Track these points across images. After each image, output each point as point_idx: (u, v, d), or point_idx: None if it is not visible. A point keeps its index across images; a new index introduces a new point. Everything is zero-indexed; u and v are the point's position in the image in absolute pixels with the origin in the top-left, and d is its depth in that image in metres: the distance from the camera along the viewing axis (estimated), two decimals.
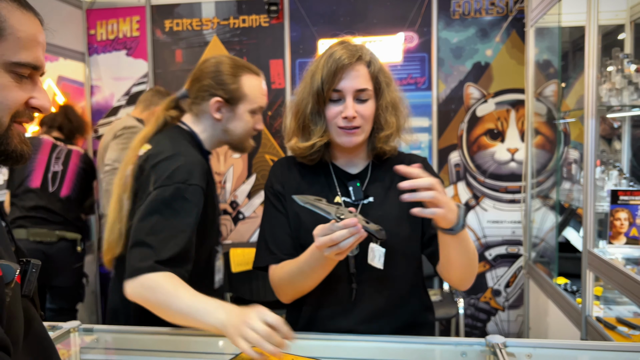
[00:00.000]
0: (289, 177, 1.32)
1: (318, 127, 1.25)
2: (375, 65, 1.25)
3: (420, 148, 3.43)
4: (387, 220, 1.21)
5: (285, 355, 1.12)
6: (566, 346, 1.19)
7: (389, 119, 1.26)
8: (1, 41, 0.70)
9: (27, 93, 0.75)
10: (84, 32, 3.68)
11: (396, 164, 1.32)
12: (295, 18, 3.48)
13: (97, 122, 3.75)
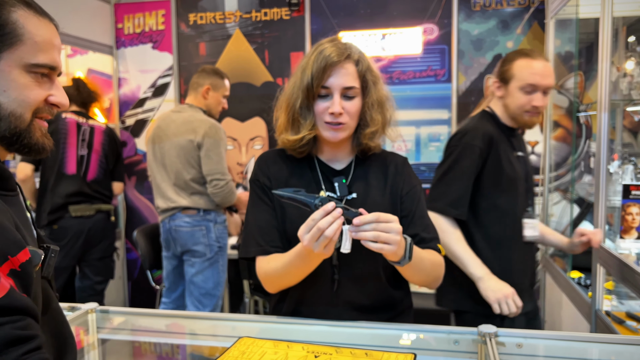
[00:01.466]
0: (275, 170, 1.37)
1: (307, 121, 1.29)
2: (363, 64, 1.28)
3: (440, 140, 3.44)
4: None
5: (280, 342, 1.19)
6: (556, 337, 1.22)
7: (375, 116, 1.30)
8: (20, 45, 0.77)
9: (45, 91, 0.82)
10: (112, 26, 3.81)
11: (379, 161, 1.38)
12: (316, 11, 3.52)
13: (125, 113, 3.89)
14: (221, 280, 2.89)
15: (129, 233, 3.79)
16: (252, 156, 3.73)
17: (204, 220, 2.78)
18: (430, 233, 1.35)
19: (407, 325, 1.30)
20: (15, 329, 0.62)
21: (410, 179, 1.38)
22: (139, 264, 3.92)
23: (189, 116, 2.79)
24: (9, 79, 0.77)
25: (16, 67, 0.78)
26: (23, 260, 0.67)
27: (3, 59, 0.77)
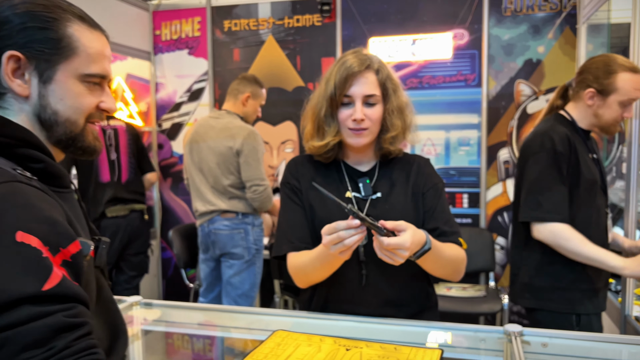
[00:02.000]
0: (303, 173, 1.44)
1: (331, 128, 1.37)
2: (383, 73, 1.36)
3: (469, 144, 3.46)
4: (393, 212, 1.34)
5: (313, 336, 1.26)
6: (580, 337, 1.25)
7: (395, 122, 1.37)
8: (75, 57, 0.84)
9: (97, 98, 0.89)
10: (150, 32, 3.95)
11: (402, 163, 1.45)
12: (347, 17, 3.58)
13: (161, 117, 4.03)
14: (257, 281, 2.96)
15: (165, 233, 3.92)
16: (283, 159, 3.82)
17: (243, 223, 2.85)
18: (452, 227, 1.40)
19: (435, 322, 1.35)
20: (66, 317, 0.66)
21: (432, 177, 1.44)
22: (173, 263, 4.05)
23: (227, 122, 2.86)
24: (65, 88, 0.84)
25: (71, 77, 0.84)
26: (74, 251, 0.73)
27: (60, 70, 0.83)
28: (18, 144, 0.79)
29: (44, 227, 0.68)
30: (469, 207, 3.48)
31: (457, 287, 3.22)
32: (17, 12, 0.80)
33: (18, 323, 0.61)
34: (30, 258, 0.65)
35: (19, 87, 0.81)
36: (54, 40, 0.81)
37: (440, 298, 3.02)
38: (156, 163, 4.04)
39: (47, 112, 0.84)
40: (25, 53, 0.80)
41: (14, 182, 0.71)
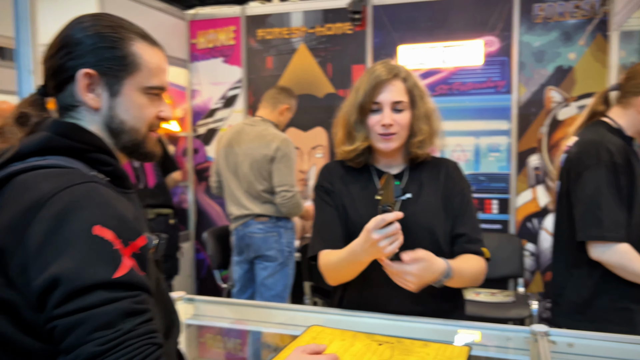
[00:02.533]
0: (336, 176, 1.53)
1: (360, 133, 1.45)
2: (410, 81, 1.44)
3: (499, 151, 3.48)
4: (423, 213, 1.42)
5: (347, 331, 1.32)
6: (606, 338, 1.27)
7: (422, 127, 1.45)
8: (138, 72, 0.93)
9: (156, 108, 0.98)
10: (186, 41, 4.10)
11: (431, 166, 1.52)
12: (377, 25, 3.65)
13: (197, 122, 4.16)
14: (289, 282, 3.04)
15: (199, 235, 4.05)
16: (313, 164, 3.90)
17: (276, 227, 2.94)
18: (478, 234, 1.46)
19: (463, 321, 1.40)
20: (133, 303, 0.73)
21: (460, 181, 1.50)
22: (206, 264, 4.17)
23: (262, 130, 2.95)
24: (130, 100, 0.93)
25: (135, 90, 0.93)
26: (141, 244, 0.81)
27: (126, 84, 0.92)
28: (92, 149, 0.88)
29: (117, 223, 0.77)
30: (498, 213, 3.49)
31: (486, 292, 3.24)
32: (88, 34, 0.90)
33: (92, 306, 0.70)
34: (103, 249, 0.73)
35: (92, 100, 0.91)
36: (121, 58, 0.91)
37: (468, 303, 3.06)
38: (191, 167, 4.18)
39: (115, 121, 0.93)
40: (96, 70, 0.89)
41: (92, 183, 0.80)
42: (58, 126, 0.88)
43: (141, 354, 0.71)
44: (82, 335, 0.68)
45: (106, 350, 0.68)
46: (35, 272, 0.71)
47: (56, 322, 0.69)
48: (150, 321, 0.75)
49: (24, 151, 0.84)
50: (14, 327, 0.74)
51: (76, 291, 0.69)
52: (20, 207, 0.75)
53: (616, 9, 2.90)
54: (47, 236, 0.72)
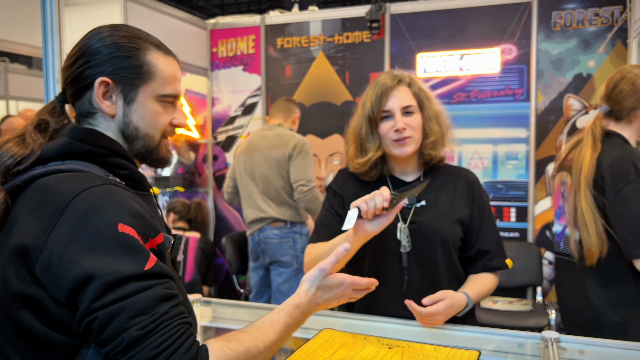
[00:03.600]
0: (349, 182, 1.55)
1: (371, 144, 1.47)
2: (414, 85, 1.47)
3: (517, 159, 3.47)
4: (437, 220, 1.43)
5: (358, 335, 1.35)
6: (618, 346, 1.27)
7: (434, 127, 1.47)
8: (153, 81, 0.97)
9: (170, 115, 1.02)
10: (207, 50, 4.18)
11: (448, 174, 1.53)
12: (395, 33, 3.68)
13: (217, 129, 4.24)
14: None
15: (218, 240, 4.10)
16: (330, 171, 3.93)
17: (291, 232, 2.99)
18: (501, 249, 1.49)
19: (474, 327, 1.41)
20: (164, 289, 0.79)
21: (481, 195, 1.52)
22: (224, 269, 4.23)
23: (279, 132, 3.07)
24: (144, 107, 0.97)
25: (150, 98, 0.97)
26: (159, 242, 0.86)
27: (140, 92, 0.96)
28: (109, 154, 0.93)
29: (137, 220, 0.82)
30: (516, 221, 3.47)
31: (503, 300, 3.22)
32: (106, 43, 0.94)
33: (129, 295, 0.75)
34: (132, 245, 0.79)
35: (108, 107, 0.95)
36: (136, 67, 0.95)
37: (485, 311, 3.05)
38: (211, 174, 4.25)
39: (130, 128, 0.97)
40: (112, 78, 0.94)
41: (109, 185, 0.85)
42: (76, 132, 0.92)
43: (176, 333, 0.76)
44: (122, 322, 0.74)
45: (146, 333, 0.74)
46: (64, 270, 0.75)
47: (96, 314, 0.74)
48: (180, 304, 0.81)
49: (45, 156, 0.88)
50: (39, 321, 0.79)
51: (112, 284, 0.75)
52: (43, 209, 0.80)
53: (636, 17, 2.88)
54: (73, 235, 0.77)
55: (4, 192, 0.84)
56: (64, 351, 0.80)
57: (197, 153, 4.28)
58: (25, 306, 0.79)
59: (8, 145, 0.90)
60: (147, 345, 0.74)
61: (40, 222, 0.79)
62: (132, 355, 0.73)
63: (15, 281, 0.78)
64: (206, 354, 0.79)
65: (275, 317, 0.96)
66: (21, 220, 0.81)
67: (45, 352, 0.80)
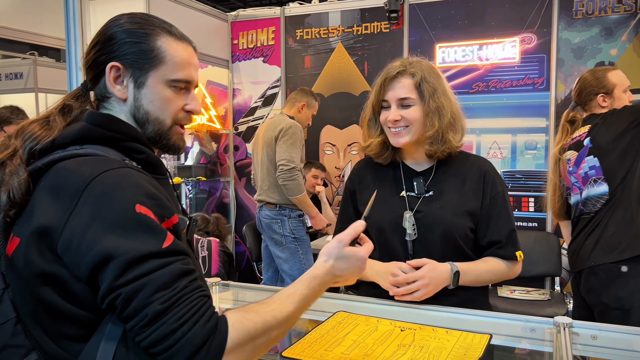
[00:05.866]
0: (362, 175, 1.59)
1: (373, 130, 1.52)
2: (418, 75, 1.43)
3: (536, 148, 3.45)
4: (442, 211, 1.44)
5: (371, 317, 1.38)
6: (630, 331, 1.27)
7: (434, 122, 1.43)
8: (163, 65, 0.98)
9: (182, 101, 1.02)
10: (228, 42, 4.23)
11: (460, 164, 1.52)
12: (414, 24, 3.68)
13: (238, 120, 4.30)
14: (305, 267, 3.23)
15: (239, 228, 4.18)
16: (349, 161, 3.96)
17: (280, 215, 3.22)
18: (512, 241, 1.48)
19: (486, 312, 1.43)
20: (183, 264, 0.82)
21: (495, 185, 1.49)
22: (245, 257, 4.30)
23: (277, 119, 3.27)
24: (154, 92, 0.98)
25: (160, 82, 0.98)
26: (174, 222, 0.89)
27: (151, 76, 0.98)
28: (125, 138, 0.95)
29: (152, 202, 0.85)
30: (534, 211, 3.46)
31: (521, 289, 3.22)
32: (119, 30, 0.97)
33: (150, 272, 0.78)
34: (149, 224, 0.82)
35: (119, 91, 0.98)
36: (146, 52, 0.97)
37: (502, 300, 3.06)
38: (232, 163, 4.32)
39: (140, 112, 0.99)
40: (123, 63, 0.96)
41: (125, 167, 0.88)
42: (94, 117, 0.95)
43: (196, 305, 0.80)
44: (145, 298, 0.77)
45: (168, 306, 0.78)
46: (85, 249, 0.79)
47: (120, 291, 0.77)
48: (198, 278, 0.84)
49: (65, 140, 0.92)
50: (60, 297, 0.83)
51: (132, 261, 0.78)
52: (63, 191, 0.84)
53: None
54: (93, 216, 0.80)
55: (27, 172, 0.87)
56: (84, 325, 0.84)
57: (218, 143, 4.35)
58: (48, 283, 0.83)
59: (32, 127, 0.93)
60: (169, 318, 0.77)
61: (61, 203, 0.82)
62: (156, 328, 0.77)
63: (38, 259, 0.82)
64: (225, 324, 0.82)
65: (292, 289, 0.98)
66: (42, 202, 0.85)
67: (65, 326, 0.84)
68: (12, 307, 0.86)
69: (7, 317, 0.85)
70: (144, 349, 0.79)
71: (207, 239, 3.59)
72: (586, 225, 2.15)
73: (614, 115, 2.17)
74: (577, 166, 2.20)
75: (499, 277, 1.50)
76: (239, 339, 0.83)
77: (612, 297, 2.03)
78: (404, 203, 1.48)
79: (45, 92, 4.94)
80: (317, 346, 1.21)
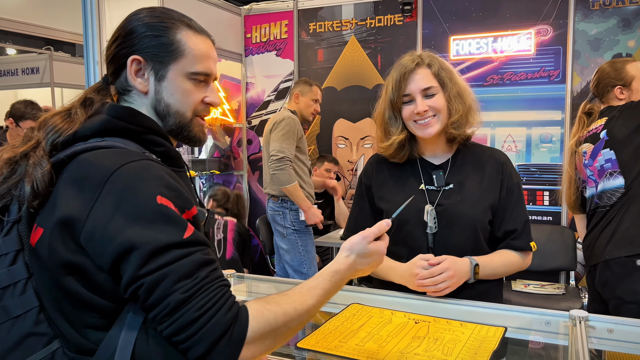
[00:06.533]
0: (378, 170, 1.57)
1: (394, 127, 1.49)
2: (435, 65, 1.44)
3: (552, 142, 3.42)
4: (464, 203, 1.44)
5: (385, 309, 1.38)
6: None
7: (457, 106, 1.44)
8: (183, 58, 0.99)
9: (202, 93, 1.03)
10: (241, 36, 4.24)
11: (477, 155, 1.52)
12: (428, 16, 3.65)
13: (251, 114, 4.31)
14: (304, 259, 3.27)
15: (252, 222, 4.20)
16: (362, 154, 3.96)
17: (281, 207, 3.28)
18: (525, 232, 1.48)
19: (501, 305, 1.43)
20: (203, 255, 0.83)
21: (511, 176, 1.50)
22: (259, 250, 4.33)
23: (277, 114, 3.31)
24: (175, 84, 0.99)
25: (180, 75, 0.99)
26: (194, 214, 0.90)
27: (171, 69, 0.99)
28: (145, 131, 0.96)
29: (173, 193, 0.86)
30: (549, 204, 3.43)
31: (535, 284, 3.20)
32: (140, 24, 0.99)
33: (171, 262, 0.80)
34: (171, 215, 0.83)
35: (140, 84, 0.99)
36: (166, 45, 0.98)
37: (516, 294, 3.05)
38: (245, 157, 4.34)
39: (161, 105, 1.00)
40: (144, 56, 0.97)
41: (146, 160, 0.89)
42: (115, 110, 0.96)
43: (217, 294, 0.81)
44: (168, 287, 0.79)
45: (190, 296, 0.79)
46: (107, 239, 0.80)
47: (143, 280, 0.79)
48: (218, 268, 0.85)
49: (86, 132, 0.93)
50: (83, 286, 0.84)
51: (154, 252, 0.79)
52: (86, 182, 0.85)
53: None
54: (115, 207, 0.82)
55: (50, 164, 0.89)
56: (105, 314, 0.85)
57: (232, 137, 4.37)
58: (71, 272, 0.84)
59: (54, 119, 0.94)
60: (191, 307, 0.78)
61: (84, 195, 0.84)
62: (178, 317, 0.78)
63: (62, 249, 0.83)
64: (246, 313, 0.83)
65: (313, 282, 0.99)
66: (65, 193, 0.86)
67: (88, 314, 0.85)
68: (35, 296, 0.87)
69: (31, 305, 0.87)
70: (166, 338, 0.80)
71: (224, 220, 3.65)
72: (601, 219, 2.13)
73: (631, 107, 2.14)
74: (592, 159, 2.17)
75: (513, 270, 1.50)
76: (260, 329, 0.83)
77: (627, 291, 2.01)
78: (423, 197, 1.48)
79: (61, 86, 5.00)
80: (332, 337, 1.22)
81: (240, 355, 0.81)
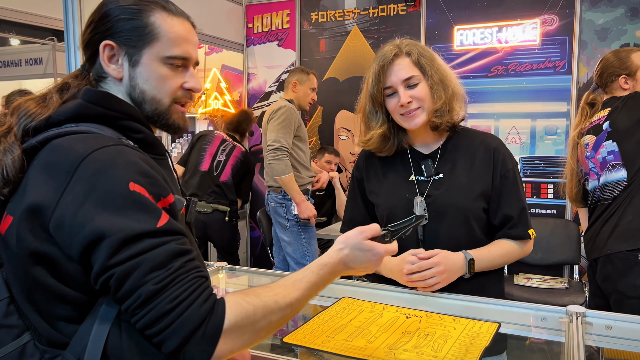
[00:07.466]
0: (370, 163, 1.54)
1: (374, 121, 1.44)
2: (414, 53, 1.38)
3: (557, 134, 3.36)
4: (454, 193, 1.40)
5: (376, 304, 1.35)
6: None
7: (440, 94, 1.38)
8: (157, 42, 0.95)
9: (180, 79, 0.98)
10: (243, 26, 4.20)
11: (467, 142, 1.47)
12: (431, 5, 3.59)
13: (252, 105, 4.27)
14: (307, 251, 3.24)
15: (254, 213, 4.18)
16: None
17: (284, 199, 3.23)
18: (523, 219, 1.43)
19: (496, 300, 1.39)
20: (178, 244, 0.80)
21: (505, 162, 1.44)
22: (260, 242, 4.31)
23: (274, 104, 3.27)
24: (149, 70, 0.95)
25: (155, 60, 0.94)
26: (170, 202, 0.86)
27: (145, 54, 0.94)
28: (122, 117, 0.93)
29: (147, 180, 0.82)
30: (554, 198, 3.38)
31: (538, 278, 3.16)
32: (115, 6, 0.94)
33: (144, 251, 0.77)
34: (144, 203, 0.80)
35: (114, 71, 0.95)
36: (139, 28, 0.94)
37: (519, 288, 3.01)
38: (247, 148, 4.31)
39: (136, 91, 0.96)
40: (117, 41, 0.93)
41: (120, 145, 0.86)
42: (90, 94, 0.92)
43: (192, 286, 0.78)
44: (139, 278, 0.75)
45: (163, 287, 0.76)
46: (77, 227, 0.77)
47: (113, 271, 0.76)
48: (194, 259, 0.82)
49: (60, 118, 0.89)
50: (53, 276, 0.82)
51: (125, 241, 0.76)
52: (56, 168, 0.82)
53: None
54: (85, 194, 0.78)
55: (21, 150, 0.86)
56: (77, 306, 0.83)
57: None
58: (40, 262, 0.81)
59: (28, 104, 0.91)
60: (164, 299, 0.75)
61: (54, 181, 0.81)
62: (150, 308, 0.75)
63: (30, 238, 0.81)
64: (223, 306, 0.79)
65: (300, 275, 0.95)
66: (35, 180, 0.83)
67: (59, 307, 0.83)
68: (5, 286, 0.85)
69: (1, 296, 0.84)
70: (139, 331, 0.78)
71: (233, 144, 3.66)
72: (603, 212, 2.08)
73: (635, 98, 2.08)
74: (595, 151, 2.12)
75: (512, 259, 1.46)
76: (237, 322, 0.80)
77: (629, 285, 1.97)
78: (413, 187, 1.44)
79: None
80: (320, 332, 1.19)
81: (216, 349, 0.78)
